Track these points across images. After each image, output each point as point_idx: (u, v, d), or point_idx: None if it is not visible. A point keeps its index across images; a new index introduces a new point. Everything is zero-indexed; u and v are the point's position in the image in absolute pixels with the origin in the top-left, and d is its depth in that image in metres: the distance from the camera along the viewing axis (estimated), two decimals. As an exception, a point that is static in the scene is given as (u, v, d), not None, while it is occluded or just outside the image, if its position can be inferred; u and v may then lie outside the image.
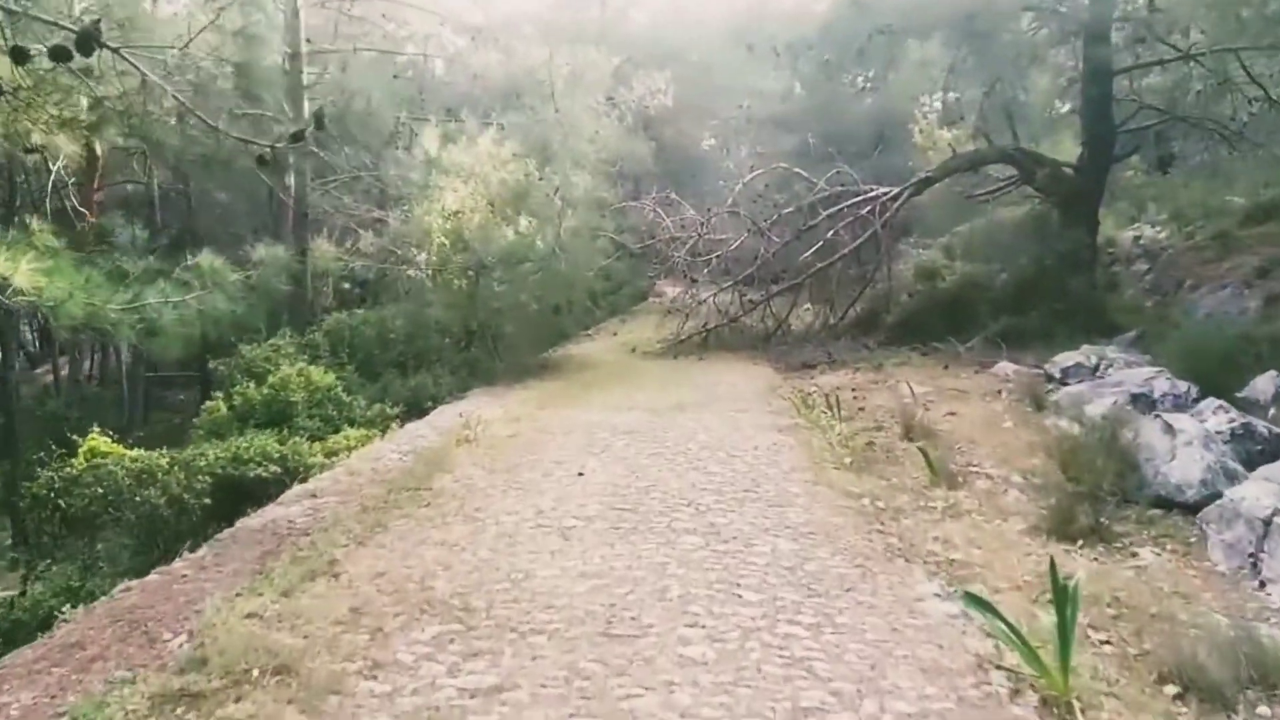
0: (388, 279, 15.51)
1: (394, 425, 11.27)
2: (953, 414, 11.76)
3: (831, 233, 18.67)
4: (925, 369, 16.10)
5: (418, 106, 19.85)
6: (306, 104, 20.16)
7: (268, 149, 6.49)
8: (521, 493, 7.67)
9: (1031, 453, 9.73)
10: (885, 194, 19.29)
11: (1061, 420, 10.57)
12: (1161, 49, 18.20)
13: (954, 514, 7.55)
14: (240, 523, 6.97)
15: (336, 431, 10.83)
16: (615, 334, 22.97)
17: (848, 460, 9.30)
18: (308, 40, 19.55)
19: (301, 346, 12.90)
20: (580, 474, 8.25)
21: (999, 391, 13.26)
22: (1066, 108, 25.22)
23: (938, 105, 35.27)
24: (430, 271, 15.76)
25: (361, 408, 11.54)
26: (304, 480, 8.92)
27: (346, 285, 16.93)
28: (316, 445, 9.93)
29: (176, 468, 8.37)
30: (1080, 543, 6.80)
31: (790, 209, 19.76)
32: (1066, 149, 20.63)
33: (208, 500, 8.31)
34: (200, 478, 8.38)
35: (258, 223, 23.72)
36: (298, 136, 6.79)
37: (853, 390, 14.15)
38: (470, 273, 15.84)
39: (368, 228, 16.06)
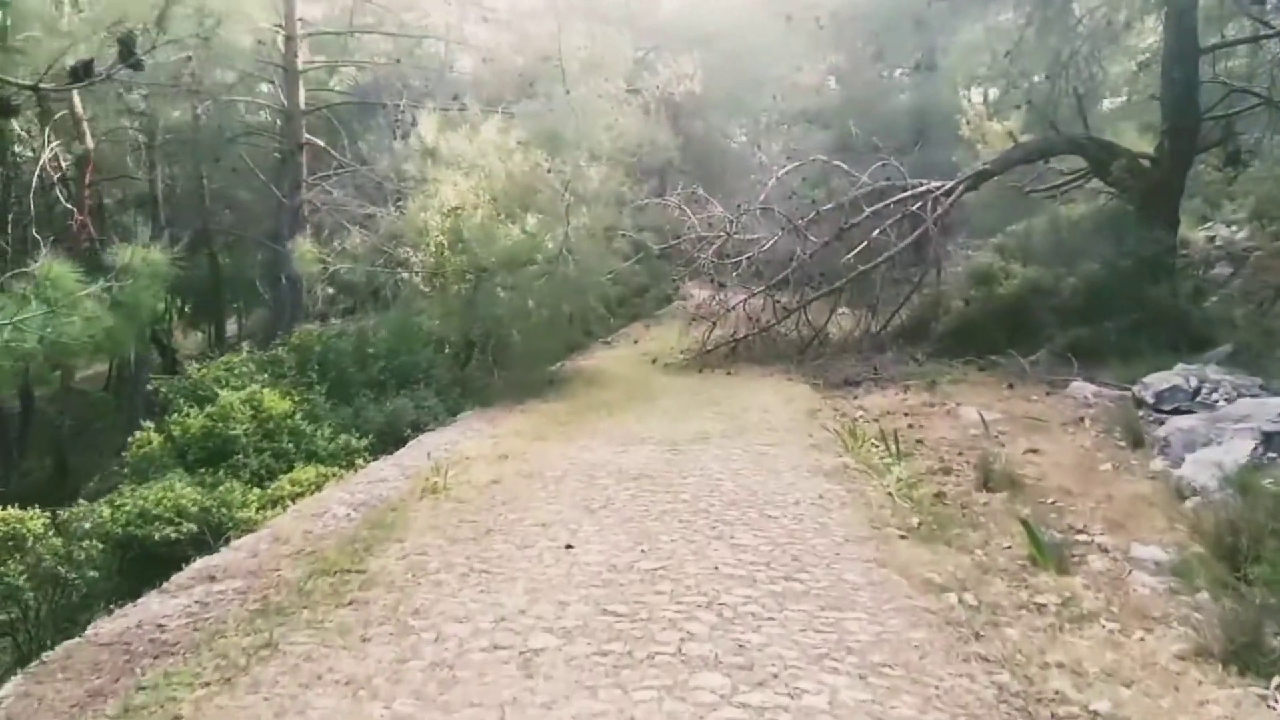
0: (381, 284, 13.56)
1: (360, 461, 9.29)
2: (1034, 451, 9.59)
3: (878, 231, 16.46)
4: (986, 388, 13.92)
5: (424, 94, 17.91)
6: (302, 90, 18.35)
7: (29, 90, 4.51)
8: (485, 578, 5.64)
9: (1147, 512, 7.58)
10: (937, 188, 17.06)
11: (1181, 468, 8.39)
12: (1251, 25, 15.85)
13: (1075, 618, 5.41)
14: (92, 629, 5.01)
15: (291, 469, 8.88)
16: (636, 341, 20.91)
17: (915, 522, 7.18)
18: (301, 20, 17.71)
19: (263, 364, 10.98)
20: (568, 547, 6.21)
21: (1081, 419, 11.07)
22: (1124, 97, 22.87)
23: (985, 96, 33.06)
24: (424, 275, 13.81)
25: (325, 439, 9.57)
26: (232, 538, 7.01)
27: (330, 290, 15.04)
28: (255, 493, 7.98)
29: (53, 532, 6.44)
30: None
31: (829, 205, 17.57)
32: (1129, 141, 18.26)
33: (95, 573, 6.37)
34: (87, 544, 6.46)
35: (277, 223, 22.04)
36: (81, 72, 4.80)
37: (906, 416, 12.00)
38: (469, 276, 13.88)
39: (357, 225, 14.13)
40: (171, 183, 32.58)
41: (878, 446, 10.17)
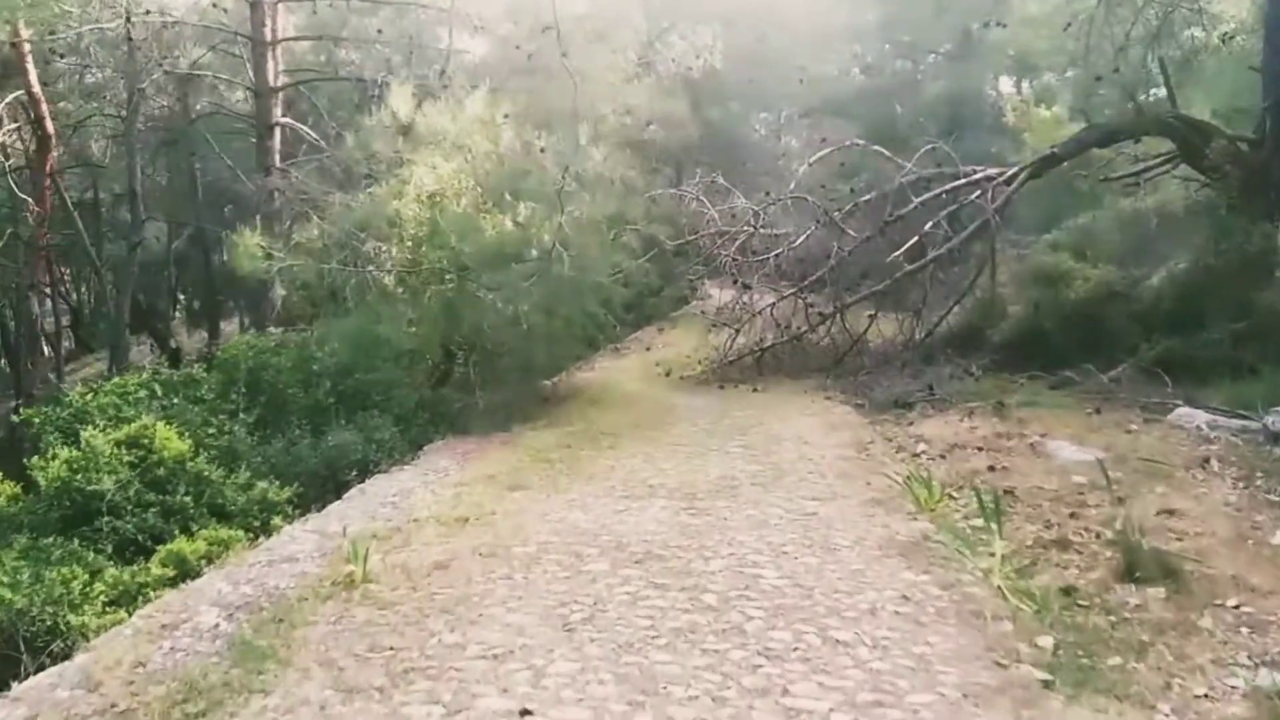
0: (341, 284, 11.21)
1: (278, 520, 6.94)
2: (1169, 513, 7.13)
3: (931, 224, 13.97)
4: (1067, 413, 11.47)
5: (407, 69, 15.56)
6: (271, 62, 16.04)
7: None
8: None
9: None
10: (998, 175, 14.57)
11: None
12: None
13: None
14: None
15: (187, 531, 6.55)
16: (648, 349, 18.48)
17: (1050, 644, 4.75)
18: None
19: (173, 386, 8.66)
20: (525, 715, 3.82)
21: (1206, 461, 8.62)
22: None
23: (1024, 83, 30.57)
24: (395, 274, 11.47)
25: (236, 489, 7.23)
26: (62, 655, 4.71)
27: (284, 291, 12.65)
28: (110, 577, 5.64)
29: None
30: None
31: (869, 195, 15.09)
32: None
33: None
34: None
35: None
36: None
37: (981, 451, 9.57)
38: (449, 275, 11.52)
39: (319, 214, 11.79)
40: (169, 174, 30.62)
41: (956, 499, 7.76)
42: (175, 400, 8.33)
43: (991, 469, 8.87)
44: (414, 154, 11.95)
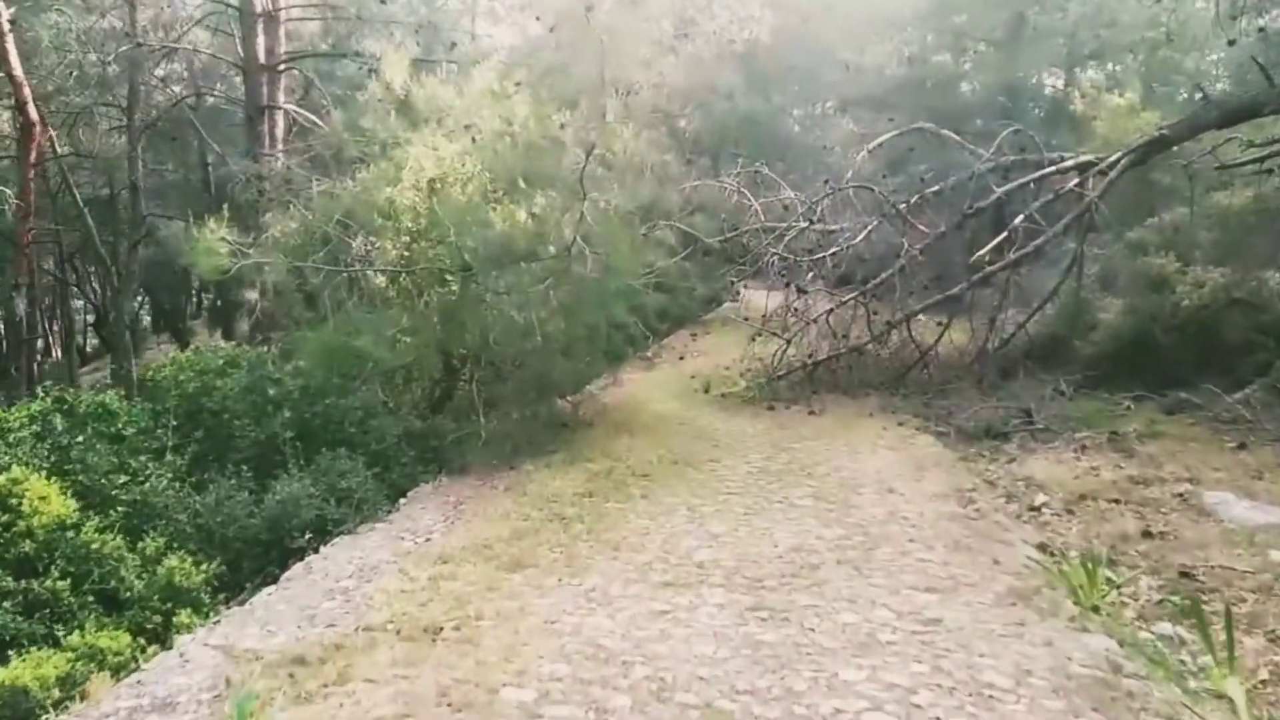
0: (320, 287, 9.17)
1: (186, 615, 4.90)
2: None
3: (1022, 218, 11.70)
4: (1204, 447, 9.30)
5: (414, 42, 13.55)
6: (261, 38, 14.10)
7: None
8: None
9: None
10: (1099, 162, 12.26)
11: None
12: None
13: None
14: None
15: (52, 638, 4.53)
16: (682, 358, 16.32)
17: None
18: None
19: (80, 418, 6.65)
20: None
21: None
22: None
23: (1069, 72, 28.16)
24: (386, 273, 9.46)
25: (140, 565, 5.20)
26: None
27: (251, 296, 10.57)
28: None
29: None
30: None
31: (940, 185, 12.85)
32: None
33: None
34: None
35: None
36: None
37: (1118, 504, 7.40)
38: (450, 277, 9.47)
39: (296, 205, 9.76)
40: (184, 168, 28.91)
41: (1117, 582, 5.59)
42: (80, 438, 6.35)
43: (1147, 534, 6.66)
44: (412, 134, 9.90)
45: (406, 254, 9.84)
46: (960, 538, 6.46)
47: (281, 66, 16.12)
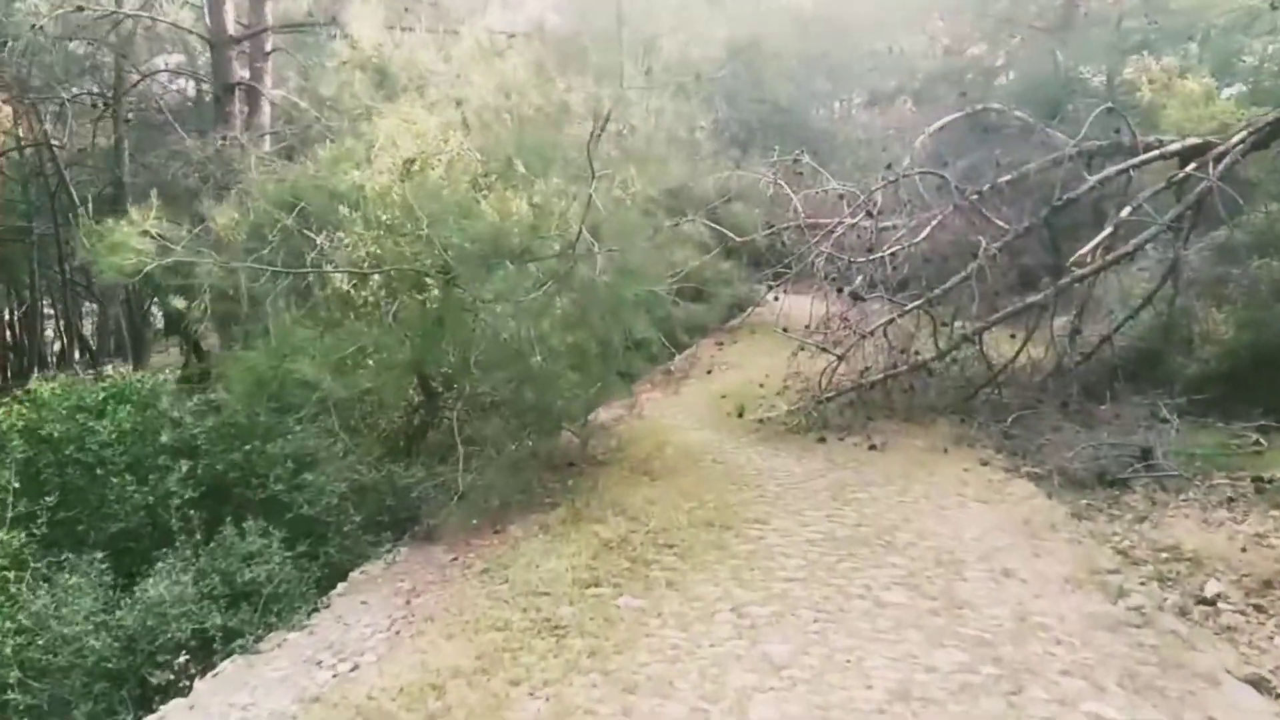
0: (265, 292, 7.16)
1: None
2: None
3: (1129, 210, 9.51)
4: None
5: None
6: (231, 7, 12.14)
7: None
8: None
9: None
10: (1213, 145, 10.06)
11: None
12: None
13: None
14: None
15: None
16: (709, 371, 14.18)
17: None
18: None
19: None
20: None
21: None
22: None
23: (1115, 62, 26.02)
24: (350, 278, 7.44)
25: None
26: None
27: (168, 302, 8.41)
28: None
29: None
30: None
31: (1028, 169, 10.65)
32: None
33: None
34: None
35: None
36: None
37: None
38: (431, 280, 7.43)
39: (235, 192, 7.78)
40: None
41: None
42: None
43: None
44: (385, 105, 7.89)
45: (376, 252, 7.80)
46: (1134, 666, 4.32)
47: (266, 48, 14.19)
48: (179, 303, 7.24)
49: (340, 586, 5.32)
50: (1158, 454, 8.19)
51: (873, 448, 9.15)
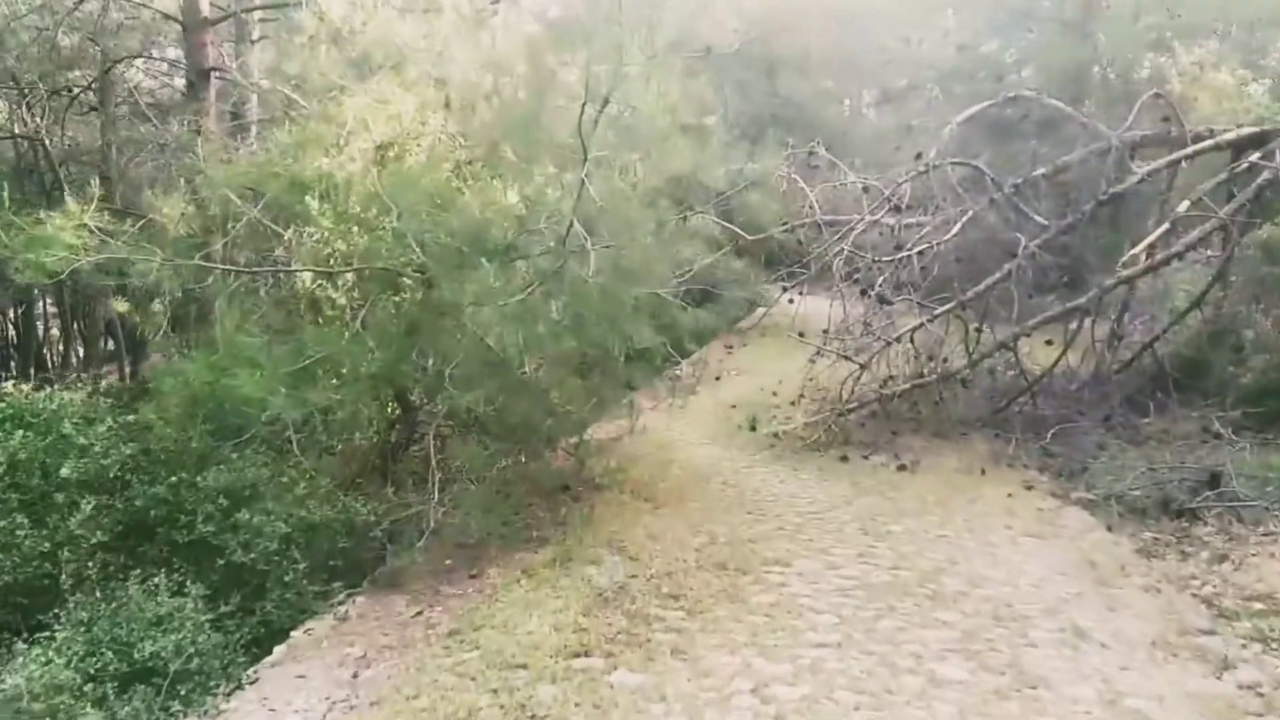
0: (207, 293, 6.21)
1: None
2: None
3: (1187, 205, 8.48)
4: None
5: None
6: (205, -13, 11.19)
7: None
8: None
9: None
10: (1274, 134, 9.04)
11: None
12: None
13: None
14: None
15: None
16: (718, 378, 13.14)
17: None
18: None
19: None
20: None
21: None
22: None
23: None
24: (311, 278, 6.49)
25: None
26: None
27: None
28: None
29: None
30: None
31: (1069, 159, 9.64)
32: None
33: None
34: None
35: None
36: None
37: None
38: (409, 281, 6.46)
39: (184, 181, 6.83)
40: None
41: None
42: None
43: None
44: (357, 84, 6.93)
45: (343, 248, 6.83)
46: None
47: (253, 35, 13.28)
48: (120, 305, 6.24)
49: (276, 653, 4.34)
50: (1228, 478, 7.17)
51: (902, 468, 8.15)
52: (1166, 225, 8.44)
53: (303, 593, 4.77)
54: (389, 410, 6.62)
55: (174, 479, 4.92)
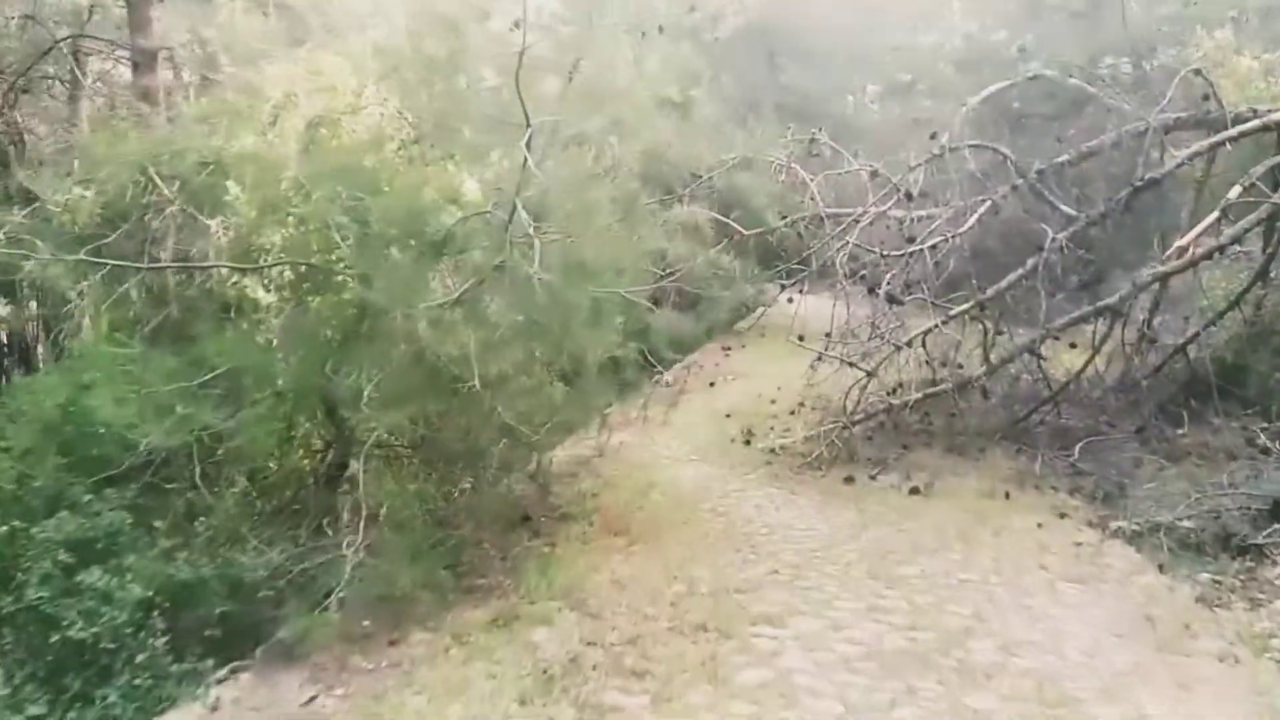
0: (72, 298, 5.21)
1: None
2: None
3: (1239, 190, 7.37)
4: None
5: None
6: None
7: None
8: None
9: None
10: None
11: None
12: None
13: None
14: None
15: None
16: (713, 384, 12.05)
17: None
18: None
19: None
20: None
21: None
22: None
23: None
24: (232, 279, 5.46)
25: None
26: None
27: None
28: None
29: None
30: None
31: (1093, 143, 8.58)
32: None
33: None
34: None
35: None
36: None
37: None
38: (346, 277, 5.39)
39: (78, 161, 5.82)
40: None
41: None
42: None
43: None
44: (275, 46, 5.92)
45: (276, 241, 5.80)
46: None
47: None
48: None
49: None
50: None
51: (914, 491, 7.09)
52: (1216, 214, 7.36)
53: (162, 675, 3.75)
54: (319, 433, 5.58)
55: (3, 529, 3.91)
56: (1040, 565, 5.47)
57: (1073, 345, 9.18)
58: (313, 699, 3.76)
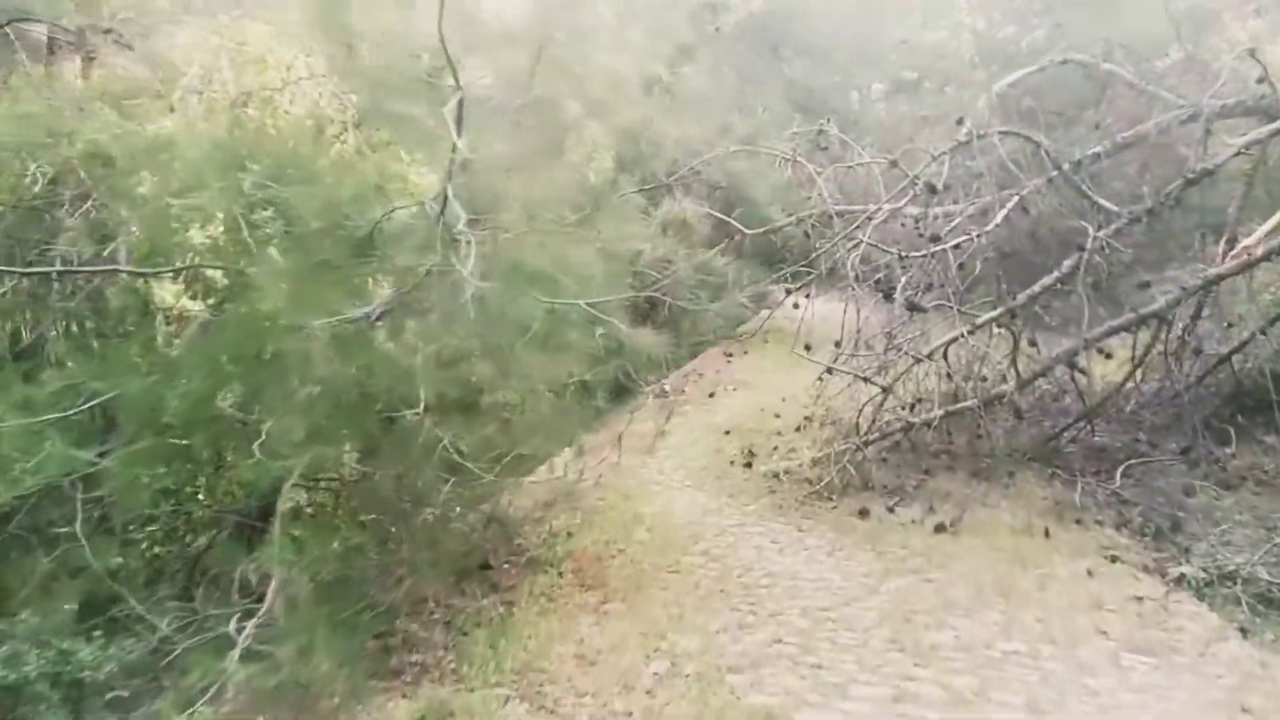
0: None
1: None
2: None
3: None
4: None
5: None
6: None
7: None
8: None
9: None
10: None
11: None
12: None
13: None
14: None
15: None
16: (712, 394, 11.08)
17: None
18: None
19: None
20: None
21: None
22: None
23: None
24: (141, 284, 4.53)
25: None
26: None
27: None
28: None
29: None
30: None
31: (1136, 130, 7.57)
32: None
33: None
34: None
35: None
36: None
37: None
38: (282, 279, 4.41)
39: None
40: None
41: None
42: None
43: None
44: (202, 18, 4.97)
45: (199, 241, 4.85)
46: None
47: None
48: None
49: None
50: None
51: (940, 529, 6.08)
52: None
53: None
54: (224, 477, 4.61)
55: None
56: (1098, 629, 4.47)
57: (1107, 355, 8.17)
58: None
